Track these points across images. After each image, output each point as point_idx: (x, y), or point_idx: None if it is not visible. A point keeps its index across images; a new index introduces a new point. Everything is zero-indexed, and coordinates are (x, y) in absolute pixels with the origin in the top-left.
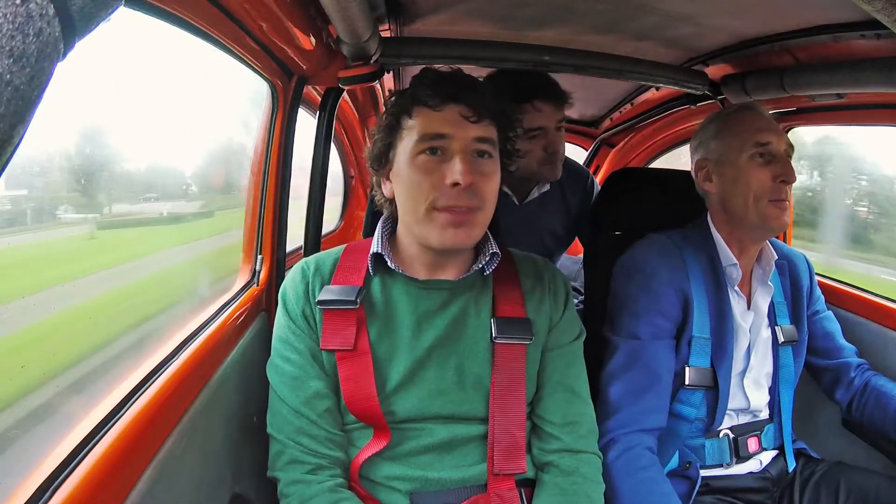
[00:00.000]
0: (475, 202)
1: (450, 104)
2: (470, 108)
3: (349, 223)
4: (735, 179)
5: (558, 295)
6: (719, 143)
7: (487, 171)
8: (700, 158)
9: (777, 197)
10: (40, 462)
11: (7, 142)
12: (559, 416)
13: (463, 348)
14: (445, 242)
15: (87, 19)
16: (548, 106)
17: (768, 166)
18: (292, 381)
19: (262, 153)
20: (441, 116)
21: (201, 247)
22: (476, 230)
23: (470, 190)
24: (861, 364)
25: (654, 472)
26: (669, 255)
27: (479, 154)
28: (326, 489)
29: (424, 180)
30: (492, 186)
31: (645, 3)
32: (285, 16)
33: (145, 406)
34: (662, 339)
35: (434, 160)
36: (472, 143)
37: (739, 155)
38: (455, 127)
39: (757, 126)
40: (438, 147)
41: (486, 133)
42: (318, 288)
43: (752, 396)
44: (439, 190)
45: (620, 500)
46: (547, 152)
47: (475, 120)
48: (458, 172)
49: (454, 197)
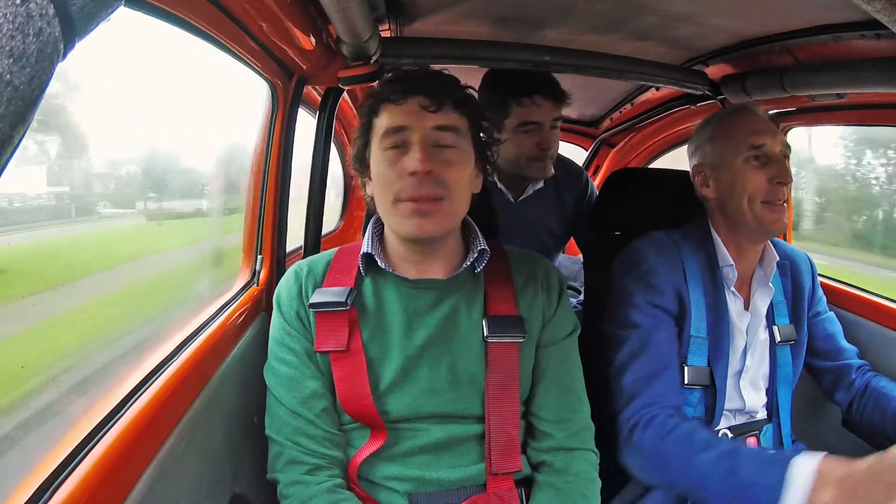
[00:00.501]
0: (438, 190)
1: (409, 97)
2: (428, 98)
3: (349, 223)
4: (731, 184)
5: (551, 290)
6: (714, 147)
7: (451, 160)
8: (697, 163)
9: (773, 199)
10: (40, 462)
11: (7, 142)
12: (553, 412)
13: (455, 347)
14: (412, 232)
15: (87, 19)
16: (547, 102)
17: (763, 168)
18: (289, 382)
19: (262, 153)
20: (402, 109)
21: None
22: (444, 219)
23: (430, 178)
24: (862, 366)
25: (686, 428)
26: (667, 252)
27: (440, 143)
28: (325, 490)
29: (389, 172)
30: (456, 174)
31: (645, 3)
32: (285, 16)
33: (145, 406)
34: (665, 328)
35: (397, 153)
36: (432, 132)
37: (734, 159)
38: (414, 118)
39: (751, 128)
40: (400, 140)
41: (447, 121)
42: (311, 290)
43: (748, 397)
44: (402, 180)
45: (668, 468)
46: (539, 148)
47: (434, 109)
48: (416, 160)
49: (414, 186)
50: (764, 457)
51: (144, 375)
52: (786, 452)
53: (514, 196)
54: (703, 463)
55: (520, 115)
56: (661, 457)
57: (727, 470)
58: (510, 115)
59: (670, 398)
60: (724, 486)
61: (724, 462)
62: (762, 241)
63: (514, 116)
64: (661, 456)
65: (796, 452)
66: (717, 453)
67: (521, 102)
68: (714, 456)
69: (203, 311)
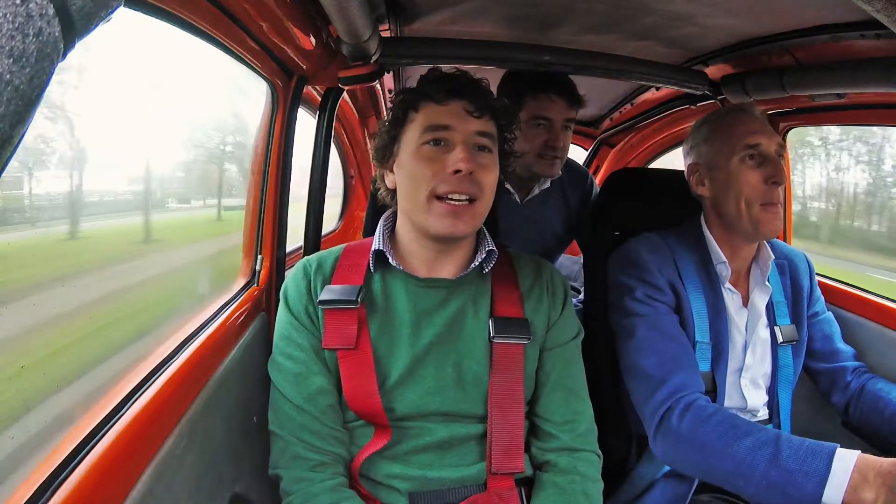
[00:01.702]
0: (474, 190)
1: (453, 99)
2: (472, 103)
3: (349, 223)
4: (727, 184)
5: (557, 295)
6: (709, 147)
7: (486, 164)
8: (692, 163)
9: (768, 201)
10: (40, 462)
11: (7, 142)
12: (558, 414)
13: (461, 346)
14: (443, 230)
15: (87, 19)
16: (561, 100)
17: (759, 168)
18: (295, 378)
19: (262, 153)
20: (445, 110)
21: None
22: (474, 220)
23: (470, 178)
24: (858, 367)
25: (726, 413)
26: (660, 252)
27: (479, 147)
28: (329, 488)
29: (427, 168)
30: (490, 178)
31: (645, 3)
32: (285, 16)
33: (145, 406)
34: (670, 314)
35: (437, 150)
36: (473, 136)
37: (730, 159)
38: (458, 119)
39: (746, 128)
40: (442, 138)
41: (487, 128)
42: (320, 286)
43: (749, 396)
44: (440, 177)
45: (708, 454)
46: (547, 146)
47: (477, 115)
48: (460, 160)
49: (454, 183)
50: (806, 445)
51: (144, 375)
52: (827, 443)
53: (521, 196)
54: (745, 449)
55: (533, 109)
56: (701, 442)
57: (770, 456)
58: (524, 107)
59: (698, 383)
60: (766, 473)
61: (767, 449)
62: (757, 242)
63: (527, 109)
64: (702, 441)
65: (835, 443)
66: (759, 440)
67: (536, 97)
68: (756, 442)
69: None
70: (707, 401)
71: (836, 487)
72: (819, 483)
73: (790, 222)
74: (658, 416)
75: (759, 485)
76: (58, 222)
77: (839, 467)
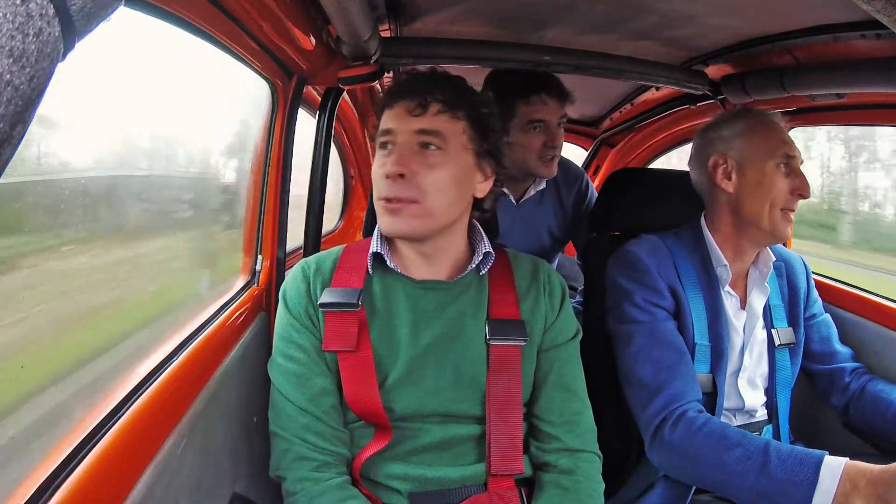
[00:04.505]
0: (409, 193)
1: (397, 101)
2: (413, 102)
3: (349, 223)
4: (758, 183)
5: (554, 295)
6: (746, 143)
7: (433, 163)
8: (718, 154)
9: (791, 207)
10: (40, 462)
11: (7, 142)
12: (557, 415)
13: (460, 348)
14: (385, 230)
15: (87, 19)
16: (553, 100)
17: (788, 178)
18: (296, 379)
19: (262, 153)
20: (392, 113)
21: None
22: (415, 220)
23: (403, 181)
24: (856, 368)
25: (716, 424)
26: (659, 253)
27: (424, 146)
28: (335, 486)
29: (375, 173)
30: (436, 178)
31: (645, 3)
32: (285, 16)
33: (145, 406)
34: (668, 321)
35: (384, 154)
36: (414, 135)
37: (767, 161)
38: (398, 121)
39: (784, 138)
40: (387, 141)
41: (431, 125)
42: (319, 288)
43: (747, 396)
44: (381, 181)
45: (700, 465)
46: (546, 147)
47: (417, 113)
48: (390, 164)
49: (386, 188)
50: (794, 454)
51: (144, 375)
52: (815, 451)
53: (516, 197)
54: (735, 459)
55: (527, 114)
56: (692, 453)
57: (759, 466)
58: (517, 114)
59: (694, 388)
60: (756, 483)
61: (756, 458)
62: (765, 245)
63: (521, 116)
64: (693, 452)
65: (823, 451)
66: (749, 450)
67: (528, 101)
68: (745, 452)
69: None
70: (699, 410)
71: (825, 494)
72: (808, 491)
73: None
74: (653, 427)
75: (750, 494)
76: None
77: (826, 475)
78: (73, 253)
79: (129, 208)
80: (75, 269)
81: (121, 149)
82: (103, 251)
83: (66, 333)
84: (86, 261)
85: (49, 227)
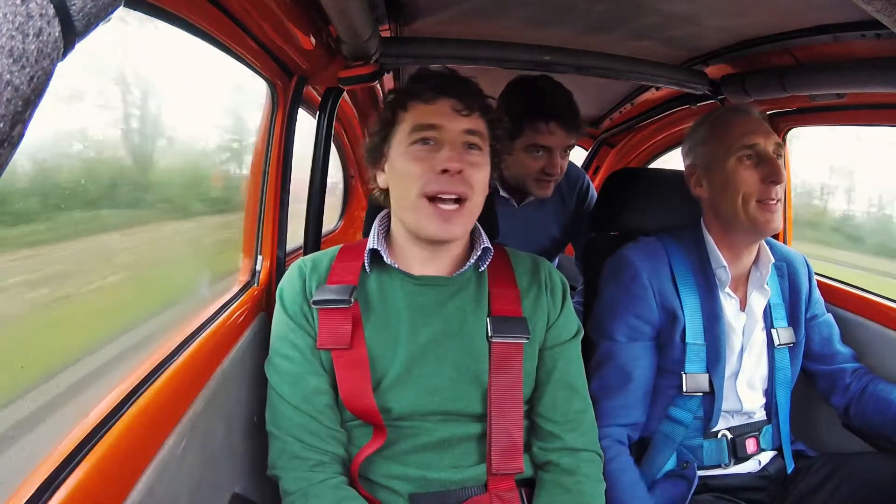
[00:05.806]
0: (463, 189)
1: (442, 97)
2: (460, 102)
3: (349, 223)
4: (724, 184)
5: (556, 293)
6: (706, 148)
7: (476, 162)
8: (690, 164)
9: (765, 198)
10: (40, 462)
11: (7, 142)
12: (560, 414)
13: (460, 345)
14: (435, 234)
15: (87, 19)
16: (561, 130)
17: (756, 168)
18: (292, 378)
19: (262, 153)
20: (433, 109)
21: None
22: (466, 220)
23: (459, 177)
24: (857, 369)
25: (619, 463)
26: (655, 258)
27: (468, 146)
28: (331, 486)
29: (416, 168)
30: (480, 177)
31: (645, 3)
32: (285, 16)
33: (145, 406)
34: (638, 340)
35: (425, 149)
36: (462, 134)
37: (727, 159)
38: (446, 118)
39: (743, 129)
40: (430, 137)
41: (476, 126)
42: (315, 286)
43: (745, 398)
44: (429, 177)
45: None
46: (544, 172)
47: (465, 113)
48: (449, 159)
49: (443, 183)
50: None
51: (144, 375)
52: None
53: (517, 201)
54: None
55: (531, 138)
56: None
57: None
58: (522, 135)
59: (627, 413)
60: None
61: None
62: (756, 241)
63: (525, 137)
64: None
65: None
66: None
67: (536, 127)
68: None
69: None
70: (615, 440)
71: None
72: None
73: (790, 223)
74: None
75: None
76: None
77: None
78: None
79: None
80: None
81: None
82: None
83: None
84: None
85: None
